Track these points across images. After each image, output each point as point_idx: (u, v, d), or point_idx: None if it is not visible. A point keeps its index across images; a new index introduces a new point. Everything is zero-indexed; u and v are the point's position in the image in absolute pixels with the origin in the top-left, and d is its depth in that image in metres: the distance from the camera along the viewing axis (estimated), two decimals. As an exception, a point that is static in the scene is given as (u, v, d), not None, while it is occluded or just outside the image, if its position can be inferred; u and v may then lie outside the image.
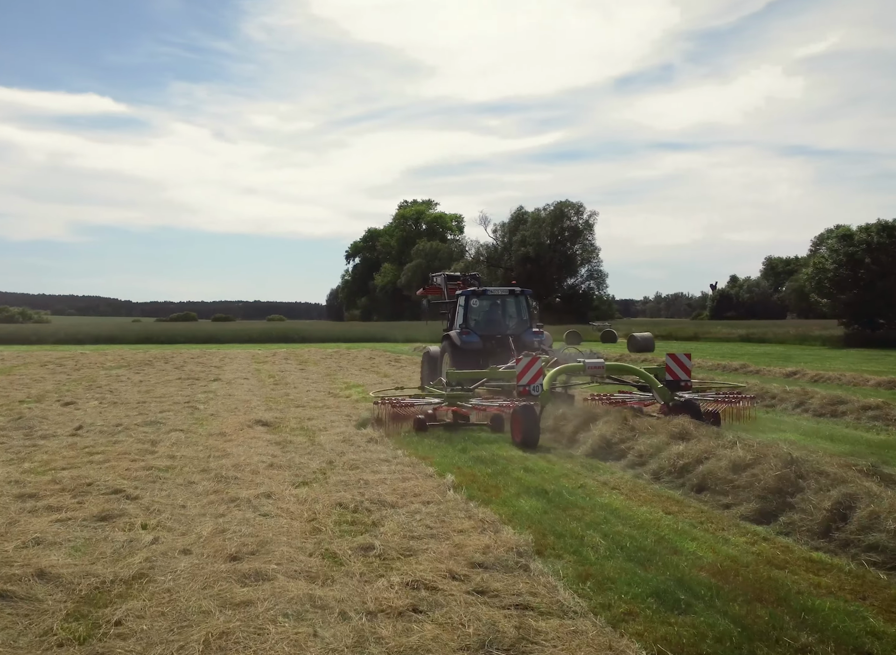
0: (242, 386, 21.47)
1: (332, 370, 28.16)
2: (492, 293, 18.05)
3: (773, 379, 22.43)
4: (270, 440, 12.01)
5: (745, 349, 43.75)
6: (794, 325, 53.44)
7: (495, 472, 9.30)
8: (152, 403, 17.31)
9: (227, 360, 34.50)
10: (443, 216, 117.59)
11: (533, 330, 17.29)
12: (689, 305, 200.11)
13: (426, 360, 18.74)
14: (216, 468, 9.71)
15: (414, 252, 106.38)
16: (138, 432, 12.92)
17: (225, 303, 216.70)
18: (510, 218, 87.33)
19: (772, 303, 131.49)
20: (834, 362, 30.63)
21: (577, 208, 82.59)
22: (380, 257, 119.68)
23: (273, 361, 33.82)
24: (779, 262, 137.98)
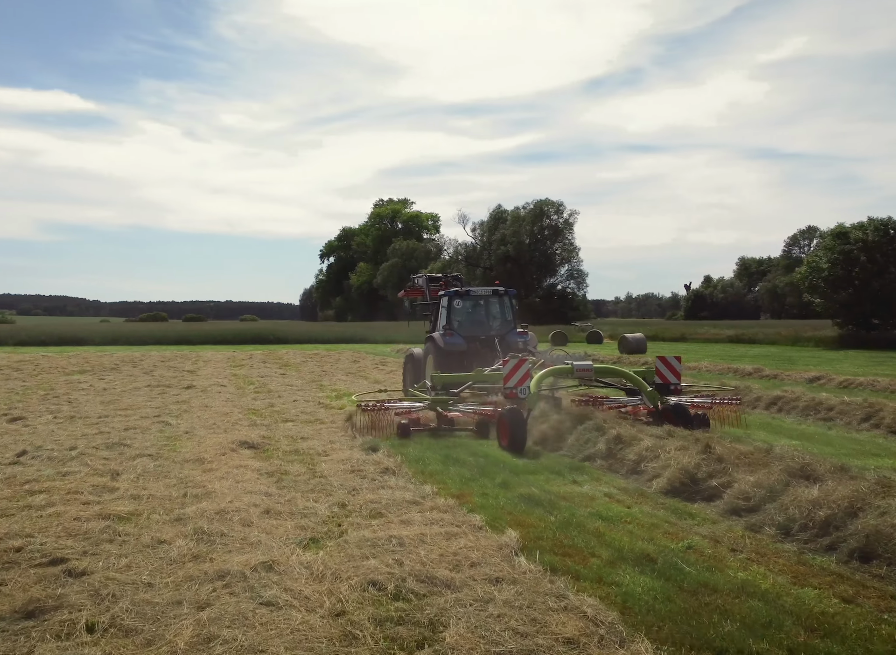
0: (220, 395, 19.00)
1: (317, 375, 25.72)
2: (475, 293, 17.30)
3: (797, 384, 20.44)
4: (260, 469, 9.64)
5: (738, 350, 41.96)
6: (784, 326, 51.85)
7: (563, 522, 7.03)
8: (116, 418, 14.81)
9: (200, 363, 31.88)
10: (419, 215, 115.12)
11: (517, 331, 16.58)
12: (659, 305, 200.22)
13: (409, 362, 17.92)
14: (194, 516, 7.33)
15: (390, 251, 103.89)
16: (96, 459, 10.47)
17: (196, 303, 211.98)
18: (489, 216, 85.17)
19: (746, 303, 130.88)
20: (842, 365, 28.83)
21: (556, 207, 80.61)
22: (355, 256, 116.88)
23: (251, 364, 31.28)
24: (752, 263, 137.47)
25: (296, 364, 31.68)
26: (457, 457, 10.32)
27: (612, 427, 10.09)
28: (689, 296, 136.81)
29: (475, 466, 9.72)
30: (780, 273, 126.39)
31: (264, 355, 38.64)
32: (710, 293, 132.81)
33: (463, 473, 9.33)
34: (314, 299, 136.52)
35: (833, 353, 37.35)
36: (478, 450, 10.88)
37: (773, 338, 47.54)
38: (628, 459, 9.08)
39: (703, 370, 26.55)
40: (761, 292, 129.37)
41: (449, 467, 9.71)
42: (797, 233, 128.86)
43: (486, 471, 9.39)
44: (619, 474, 9.06)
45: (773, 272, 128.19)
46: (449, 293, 17.06)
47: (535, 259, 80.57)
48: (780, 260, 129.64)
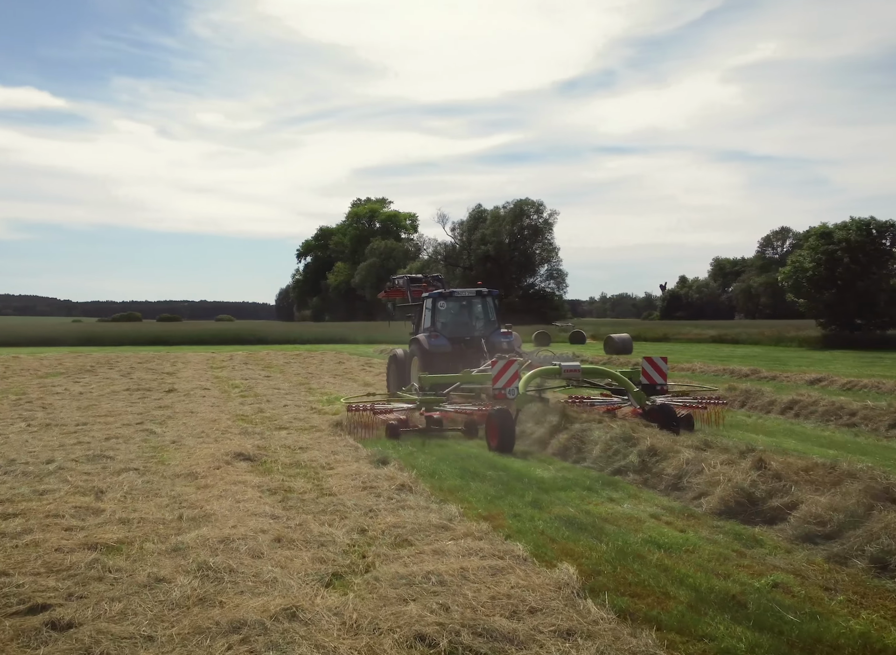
0: (205, 400, 17.94)
1: (303, 377, 24.70)
2: (459, 295, 17.13)
3: (799, 387, 19.85)
4: (261, 486, 8.69)
5: (723, 351, 41.52)
6: (767, 326, 51.55)
7: (617, 552, 6.16)
8: (96, 425, 13.75)
9: (180, 365, 30.70)
10: (397, 215, 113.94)
11: (502, 332, 16.45)
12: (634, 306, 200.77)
13: (393, 364, 17.78)
14: (195, 545, 6.38)
15: (368, 251, 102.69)
16: (77, 474, 9.46)
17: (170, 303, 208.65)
18: (469, 216, 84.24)
19: (720, 303, 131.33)
20: (834, 366, 28.35)
21: (536, 207, 79.80)
22: (332, 256, 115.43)
23: (232, 366, 30.16)
24: (726, 263, 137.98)
25: (279, 365, 30.61)
26: (475, 471, 9.45)
27: (645, 437, 9.26)
28: (664, 296, 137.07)
29: (497, 481, 8.85)
30: (754, 273, 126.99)
31: (245, 356, 37.50)
32: (686, 293, 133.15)
33: (486, 490, 8.44)
34: (291, 299, 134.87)
35: (819, 354, 36.98)
36: (496, 462, 10.00)
37: (756, 339, 47.22)
38: (667, 473, 8.25)
39: (697, 371, 25.90)
40: (736, 292, 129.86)
41: (469, 482, 8.82)
42: (770, 234, 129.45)
43: (511, 488, 8.52)
44: (657, 490, 8.23)
45: (747, 272, 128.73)
46: (433, 294, 16.82)
47: (515, 259, 79.87)
48: (754, 260, 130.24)
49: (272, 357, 36.83)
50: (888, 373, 23.83)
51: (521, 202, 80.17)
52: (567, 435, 10.34)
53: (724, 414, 12.92)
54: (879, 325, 42.48)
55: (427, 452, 10.83)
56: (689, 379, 21.61)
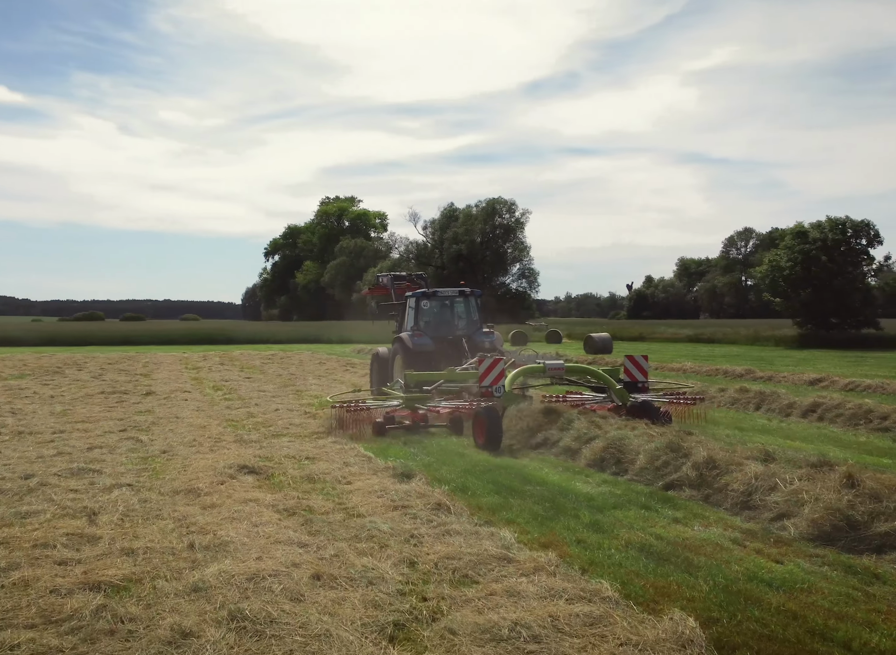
0: (188, 404, 16.75)
1: (286, 379, 23.55)
2: (442, 294, 17.16)
3: (797, 387, 19.26)
4: (276, 505, 7.65)
5: (702, 351, 41.14)
6: (742, 325, 51.36)
7: (724, 592, 5.17)
8: (74, 433, 12.55)
9: (152, 366, 29.32)
10: (366, 213, 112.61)
11: (484, 331, 16.52)
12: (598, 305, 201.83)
13: (375, 362, 17.76)
14: (218, 584, 5.35)
15: (337, 249, 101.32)
16: (62, 491, 8.33)
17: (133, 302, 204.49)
18: (441, 215, 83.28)
19: (686, 302, 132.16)
20: (821, 365, 27.97)
21: (508, 206, 79.10)
22: (301, 255, 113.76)
23: (208, 367, 28.86)
24: (691, 263, 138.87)
25: (257, 366, 29.36)
26: (509, 485, 8.50)
27: (695, 447, 8.38)
28: (631, 295, 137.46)
29: (539, 498, 7.90)
30: (718, 273, 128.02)
31: (219, 356, 36.17)
32: (652, 293, 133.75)
33: (531, 508, 7.49)
34: (258, 298, 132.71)
35: (800, 353, 36.70)
36: (528, 475, 9.07)
37: (732, 338, 46.97)
38: (732, 489, 7.36)
39: (689, 371, 25.26)
40: (701, 292, 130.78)
41: (508, 499, 7.87)
42: (734, 234, 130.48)
43: (559, 506, 7.58)
44: (722, 508, 7.34)
45: (711, 272, 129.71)
46: (416, 294, 16.81)
47: (487, 258, 79.11)
48: (718, 260, 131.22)
49: (247, 357, 35.54)
50: (880, 373, 23.42)
51: (494, 201, 79.48)
52: (602, 444, 9.43)
53: (706, 411, 13.20)
54: (854, 324, 42.44)
55: (448, 463, 9.86)
56: (685, 380, 20.93)
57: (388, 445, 11.33)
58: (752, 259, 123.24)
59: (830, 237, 41.49)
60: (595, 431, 10.01)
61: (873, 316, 41.91)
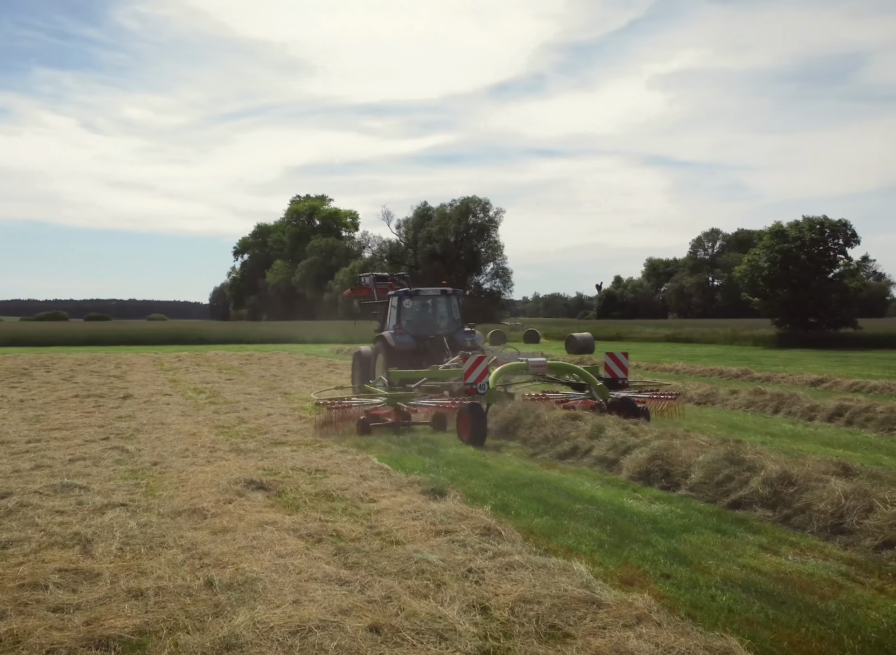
0: (171, 408, 15.58)
1: (269, 380, 22.40)
2: (424, 294, 17.20)
3: (797, 387, 18.61)
4: (297, 529, 6.63)
5: (682, 350, 40.69)
6: (720, 325, 51.03)
7: (871, 651, 4.37)
8: (52, 442, 11.38)
9: (125, 367, 27.95)
10: (337, 212, 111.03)
11: (465, 330, 16.53)
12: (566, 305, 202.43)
13: (357, 360, 17.82)
14: (253, 638, 4.34)
15: (309, 249, 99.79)
16: (47, 513, 7.22)
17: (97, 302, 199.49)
18: (414, 214, 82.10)
19: (654, 302, 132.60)
20: (812, 365, 27.54)
21: (483, 205, 78.15)
22: (271, 254, 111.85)
23: (184, 368, 27.55)
24: (659, 264, 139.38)
25: (235, 367, 28.12)
26: (554, 503, 7.56)
27: (764, 459, 7.50)
28: (601, 295, 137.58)
29: (595, 519, 6.97)
30: (686, 273, 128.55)
31: (193, 357, 34.80)
32: (621, 293, 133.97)
33: (591, 533, 6.56)
34: (227, 298, 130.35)
35: (782, 352, 36.36)
36: (569, 489, 8.16)
37: (710, 337, 46.66)
38: (818, 510, 6.46)
39: (683, 371, 24.63)
40: (669, 292, 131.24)
41: (560, 520, 6.93)
42: (701, 235, 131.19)
43: (622, 529, 6.66)
44: (808, 532, 6.41)
45: (679, 273, 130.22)
46: (399, 293, 16.83)
47: (462, 257, 78.16)
48: (685, 261, 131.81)
49: (223, 358, 34.23)
50: (874, 373, 22.98)
51: (468, 200, 78.49)
52: (646, 455, 8.53)
53: (681, 407, 13.31)
54: (832, 324, 42.29)
55: (476, 475, 8.91)
56: (680, 381, 20.25)
57: (402, 454, 10.38)
58: (719, 259, 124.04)
59: (808, 237, 41.30)
60: (632, 439, 9.14)
61: (851, 315, 41.75)
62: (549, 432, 10.35)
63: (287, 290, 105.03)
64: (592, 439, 9.66)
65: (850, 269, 41.86)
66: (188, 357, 34.73)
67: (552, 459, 9.83)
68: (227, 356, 35.56)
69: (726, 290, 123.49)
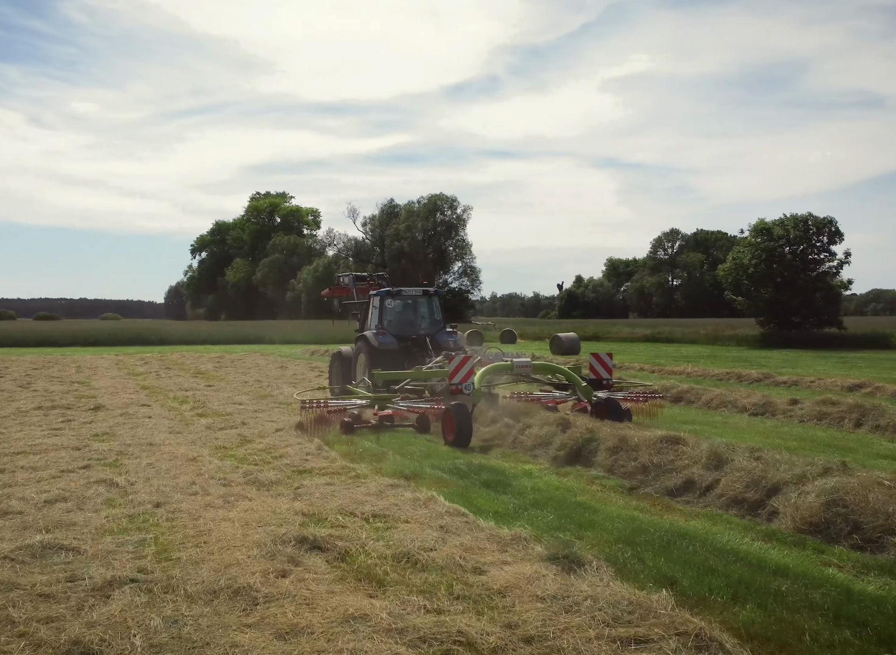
0: (155, 423, 13.19)
1: (254, 387, 20.07)
2: (406, 294, 16.98)
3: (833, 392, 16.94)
4: (399, 631, 4.44)
5: (665, 350, 39.26)
6: (701, 325, 49.81)
7: None
8: (18, 474, 9.00)
9: (87, 371, 25.27)
10: (299, 210, 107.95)
11: (447, 331, 16.46)
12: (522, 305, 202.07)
13: (336, 361, 17.57)
14: None
15: (270, 247, 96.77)
16: (25, 600, 4.97)
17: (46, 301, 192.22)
18: (380, 211, 79.70)
19: (615, 302, 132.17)
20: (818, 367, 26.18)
21: (450, 202, 76.15)
22: (230, 252, 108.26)
23: (155, 372, 24.95)
24: (619, 263, 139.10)
25: (211, 372, 25.59)
26: (736, 577, 5.42)
27: None
28: (562, 295, 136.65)
29: (820, 608, 4.83)
30: (646, 273, 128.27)
31: (159, 359, 32.10)
32: (582, 292, 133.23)
33: (829, 637, 4.51)
34: (183, 296, 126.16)
35: (775, 353, 35.05)
36: (736, 551, 6.08)
37: (692, 337, 45.39)
38: None
39: (695, 375, 22.90)
40: (629, 292, 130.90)
41: (773, 613, 4.78)
42: (661, 235, 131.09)
43: (882, 631, 4.65)
44: None
45: (639, 272, 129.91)
46: (381, 293, 16.58)
47: (430, 256, 76.03)
48: (645, 261, 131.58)
49: (192, 360, 31.61)
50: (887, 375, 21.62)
51: (435, 197, 76.48)
52: (819, 500, 6.38)
53: (660, 408, 12.90)
54: (816, 323, 41.28)
55: (582, 522, 6.82)
56: (697, 384, 18.53)
57: (465, 488, 8.32)
58: (678, 259, 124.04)
59: (793, 234, 40.22)
60: (775, 473, 7.13)
61: (836, 314, 40.78)
62: (647, 460, 8.35)
63: (247, 289, 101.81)
64: (712, 470, 7.68)
65: (834, 267, 40.74)
66: (153, 359, 32.03)
67: (660, 496, 7.84)
68: (196, 358, 32.93)
69: (686, 290, 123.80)
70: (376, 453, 10.40)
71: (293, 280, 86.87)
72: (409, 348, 15.84)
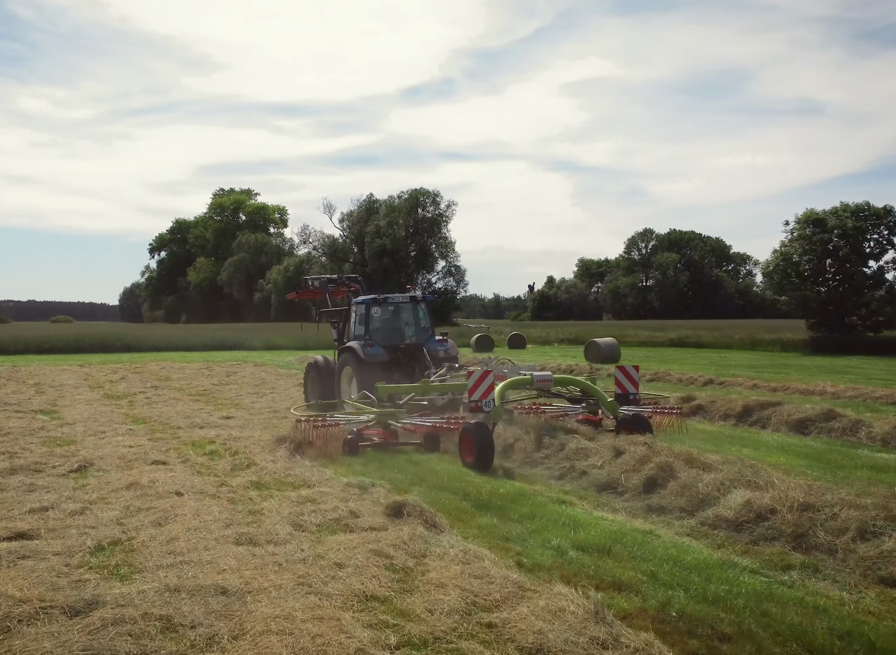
0: (194, 509, 7.47)
1: (257, 406, 14.40)
2: (392, 300, 15.53)
3: None
4: None
5: (709, 357, 34.43)
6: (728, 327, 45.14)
7: None
8: None
9: (51, 391, 19.26)
10: (265, 207, 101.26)
11: (437, 339, 15.11)
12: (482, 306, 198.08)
13: (312, 372, 16.29)
14: None
15: (236, 245, 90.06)
16: None
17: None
18: (358, 207, 73.72)
19: (588, 303, 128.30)
20: None
21: (433, 197, 70.59)
22: (192, 251, 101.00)
23: (141, 393, 18.94)
24: (591, 264, 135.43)
25: (212, 391, 19.66)
26: None
27: None
28: (534, 296, 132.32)
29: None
30: (620, 274, 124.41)
31: (134, 372, 25.88)
32: (555, 293, 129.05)
33: None
34: (141, 298, 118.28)
35: (839, 360, 30.34)
36: None
37: (725, 342, 40.58)
38: None
39: (793, 391, 17.85)
40: (604, 293, 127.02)
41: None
42: (635, 235, 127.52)
43: None
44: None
45: (613, 273, 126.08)
46: (366, 300, 15.35)
47: (412, 253, 70.39)
48: (619, 261, 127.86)
49: (177, 373, 25.52)
50: None
51: (417, 192, 70.87)
52: None
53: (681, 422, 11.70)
54: (872, 327, 36.77)
55: None
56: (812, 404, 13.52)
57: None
58: (652, 260, 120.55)
59: (850, 225, 35.62)
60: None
61: (895, 315, 36.31)
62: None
63: (211, 290, 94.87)
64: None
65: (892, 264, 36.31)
66: (127, 371, 25.84)
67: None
68: (179, 369, 26.87)
69: (660, 291, 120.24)
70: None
71: (261, 280, 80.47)
72: (398, 359, 14.64)
